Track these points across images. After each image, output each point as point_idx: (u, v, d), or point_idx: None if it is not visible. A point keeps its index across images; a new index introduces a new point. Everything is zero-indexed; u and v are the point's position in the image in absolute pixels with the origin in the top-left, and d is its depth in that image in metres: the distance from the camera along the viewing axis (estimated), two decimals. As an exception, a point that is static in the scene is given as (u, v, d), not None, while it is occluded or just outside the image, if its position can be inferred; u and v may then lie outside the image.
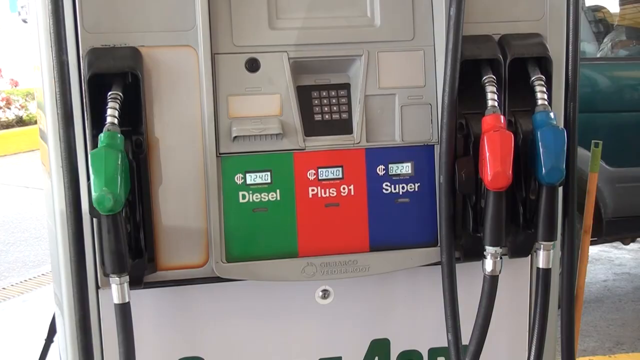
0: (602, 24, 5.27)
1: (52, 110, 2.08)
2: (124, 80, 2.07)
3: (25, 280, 6.38)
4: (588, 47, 5.20)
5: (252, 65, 2.18)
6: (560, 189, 2.27)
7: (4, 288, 6.23)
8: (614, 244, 6.14)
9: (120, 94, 2.02)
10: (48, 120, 2.13)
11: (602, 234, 4.92)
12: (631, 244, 5.96)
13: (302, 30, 2.20)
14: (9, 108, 10.13)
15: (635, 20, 5.23)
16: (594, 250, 6.42)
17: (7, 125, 10.08)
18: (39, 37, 2.11)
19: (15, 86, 10.68)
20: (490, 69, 2.18)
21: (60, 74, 2.01)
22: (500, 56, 2.19)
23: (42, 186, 2.83)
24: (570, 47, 2.28)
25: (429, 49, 2.25)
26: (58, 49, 1.99)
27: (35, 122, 9.27)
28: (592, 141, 2.78)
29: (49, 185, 2.26)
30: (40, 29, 2.09)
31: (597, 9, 5.45)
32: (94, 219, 2.04)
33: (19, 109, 10.21)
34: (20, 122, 10.17)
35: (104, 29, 2.08)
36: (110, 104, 2.00)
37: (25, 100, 10.28)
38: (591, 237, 3.05)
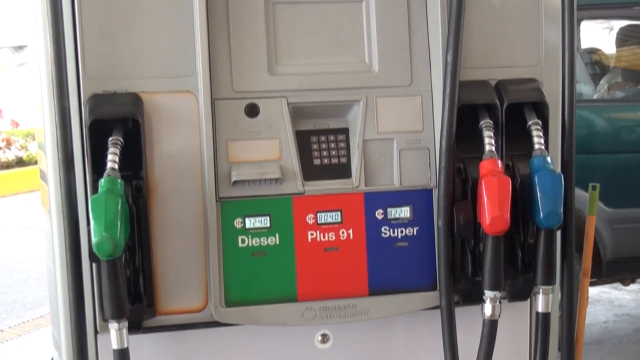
0: (598, 65, 5.32)
1: (53, 153, 2.10)
2: (124, 125, 2.09)
3: (24, 322, 6.34)
4: (585, 88, 5.24)
5: (252, 111, 2.20)
6: (559, 233, 2.28)
7: (1, 330, 6.19)
8: (614, 284, 6.12)
9: (121, 139, 2.04)
10: (49, 163, 2.14)
11: (601, 275, 4.91)
12: (631, 284, 5.94)
13: (301, 76, 2.23)
14: (9, 149, 10.17)
15: (631, 62, 5.28)
16: (593, 291, 6.39)
17: (7, 165, 10.11)
18: (41, 82, 2.14)
19: (16, 127, 10.73)
20: (487, 114, 2.20)
21: (61, 119, 2.03)
22: (497, 101, 2.21)
23: (41, 227, 2.83)
24: (566, 92, 2.31)
25: (427, 94, 2.28)
26: (60, 95, 2.02)
27: (35, 163, 9.28)
28: (590, 184, 2.80)
29: (48, 225, 2.26)
30: (43, 74, 2.12)
31: (593, 51, 5.52)
32: (94, 264, 2.05)
33: (19, 150, 10.24)
34: (20, 162, 10.20)
35: (106, 75, 2.11)
36: (110, 149, 2.02)
37: (26, 140, 10.32)
38: (591, 278, 3.05)
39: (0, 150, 10.10)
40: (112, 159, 2.01)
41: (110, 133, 2.05)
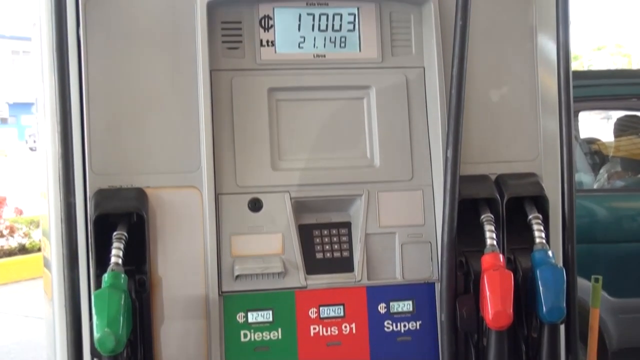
0: (597, 155, 5.37)
1: (58, 248, 2.11)
2: (129, 219, 2.11)
3: (23, 414, 6.21)
4: (585, 178, 5.28)
5: (255, 205, 2.23)
6: (563, 326, 2.27)
7: (-1, 422, 6.06)
8: (621, 375, 6.01)
9: (125, 234, 2.06)
10: (53, 257, 2.16)
11: (608, 366, 4.84)
12: (637, 375, 5.84)
13: (304, 171, 2.27)
14: (12, 236, 10.17)
15: (629, 151, 5.34)
16: (601, 382, 6.27)
17: (10, 253, 10.08)
18: (48, 177, 2.17)
19: (20, 214, 10.75)
20: (488, 208, 2.23)
21: (67, 215, 2.06)
22: (498, 195, 2.25)
23: (42, 315, 2.82)
24: (566, 186, 2.34)
25: (428, 189, 2.31)
26: (66, 192, 2.05)
27: (38, 250, 9.29)
28: (592, 276, 2.80)
29: (50, 314, 2.26)
30: (50, 170, 2.15)
31: (592, 141, 5.58)
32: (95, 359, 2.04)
33: (23, 237, 10.24)
34: (23, 249, 10.17)
35: (111, 171, 2.15)
36: (115, 244, 2.04)
37: (29, 228, 10.33)
38: (597, 370, 3.02)
39: (4, 237, 10.09)
40: (116, 254, 2.03)
41: (115, 227, 2.08)
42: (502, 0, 2.39)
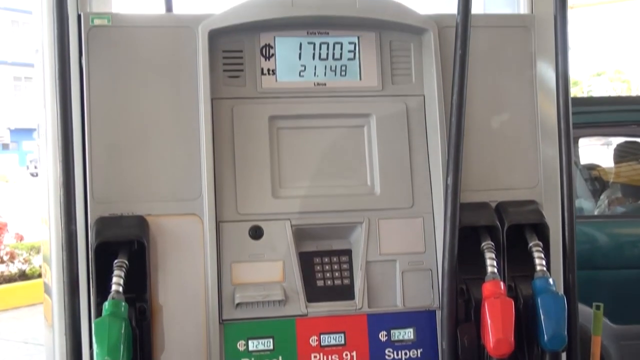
0: (597, 181, 5.39)
1: (58, 276, 2.11)
2: (130, 247, 2.12)
3: None
4: (586, 204, 5.29)
5: (256, 233, 2.23)
6: (564, 354, 2.26)
7: None
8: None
9: (126, 262, 2.06)
10: (54, 286, 2.16)
11: (610, 393, 4.80)
12: (641, 402, 5.80)
13: (305, 199, 2.27)
14: (13, 262, 10.15)
15: (630, 177, 5.35)
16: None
17: (10, 279, 10.06)
18: (49, 204, 2.18)
19: (20, 240, 10.74)
20: (488, 235, 2.23)
21: (68, 242, 2.06)
22: (498, 223, 2.25)
23: (42, 341, 2.81)
24: (566, 214, 2.34)
25: (428, 216, 2.32)
26: (67, 219, 2.05)
27: (39, 276, 9.27)
28: (594, 304, 2.79)
29: (50, 339, 2.25)
30: (51, 198, 2.16)
31: (592, 167, 5.60)
32: (95, 388, 2.03)
33: (23, 263, 10.22)
34: (23, 275, 10.15)
35: (113, 199, 2.15)
36: (115, 272, 2.04)
37: (29, 254, 10.32)
38: (599, 398, 3.00)
39: (4, 263, 10.08)
40: (117, 282, 2.03)
41: (116, 254, 2.08)
42: (501, 28, 2.42)
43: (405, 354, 2.26)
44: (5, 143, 45.50)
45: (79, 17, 2.18)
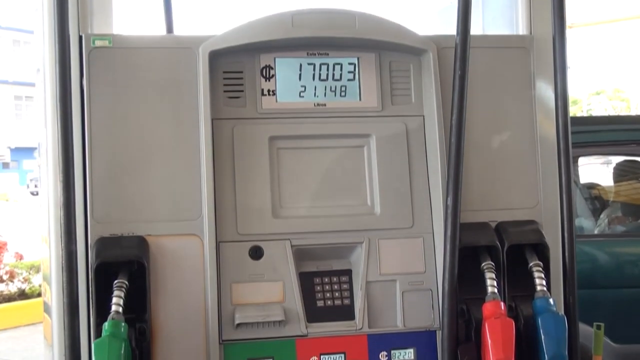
0: (597, 200, 5.39)
1: (58, 297, 2.11)
2: (130, 267, 2.11)
3: None
4: (586, 223, 5.29)
5: (256, 253, 2.23)
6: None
7: None
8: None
9: (126, 282, 2.06)
10: (53, 307, 2.15)
11: (612, 413, 4.78)
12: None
13: (305, 219, 2.28)
14: (12, 281, 10.13)
15: (630, 196, 5.36)
16: None
17: (9, 298, 10.04)
18: (49, 225, 2.18)
19: (20, 259, 10.73)
20: (488, 256, 2.23)
21: (68, 263, 2.06)
22: (498, 243, 2.25)
23: (41, 362, 2.80)
24: (566, 234, 2.34)
25: (428, 236, 2.32)
26: (67, 240, 2.05)
27: (38, 295, 9.25)
28: (594, 323, 2.78)
29: (50, 359, 2.25)
30: (51, 219, 2.16)
31: (592, 186, 5.60)
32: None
33: (22, 282, 10.20)
34: (23, 295, 10.13)
35: (113, 219, 2.16)
36: (115, 292, 2.04)
37: (29, 273, 10.30)
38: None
39: (3, 282, 10.06)
40: (117, 302, 2.03)
41: (116, 275, 2.08)
42: (500, 49, 2.43)
43: (406, 374, 2.26)
44: (5, 162, 45.53)
45: (80, 38, 2.19)
